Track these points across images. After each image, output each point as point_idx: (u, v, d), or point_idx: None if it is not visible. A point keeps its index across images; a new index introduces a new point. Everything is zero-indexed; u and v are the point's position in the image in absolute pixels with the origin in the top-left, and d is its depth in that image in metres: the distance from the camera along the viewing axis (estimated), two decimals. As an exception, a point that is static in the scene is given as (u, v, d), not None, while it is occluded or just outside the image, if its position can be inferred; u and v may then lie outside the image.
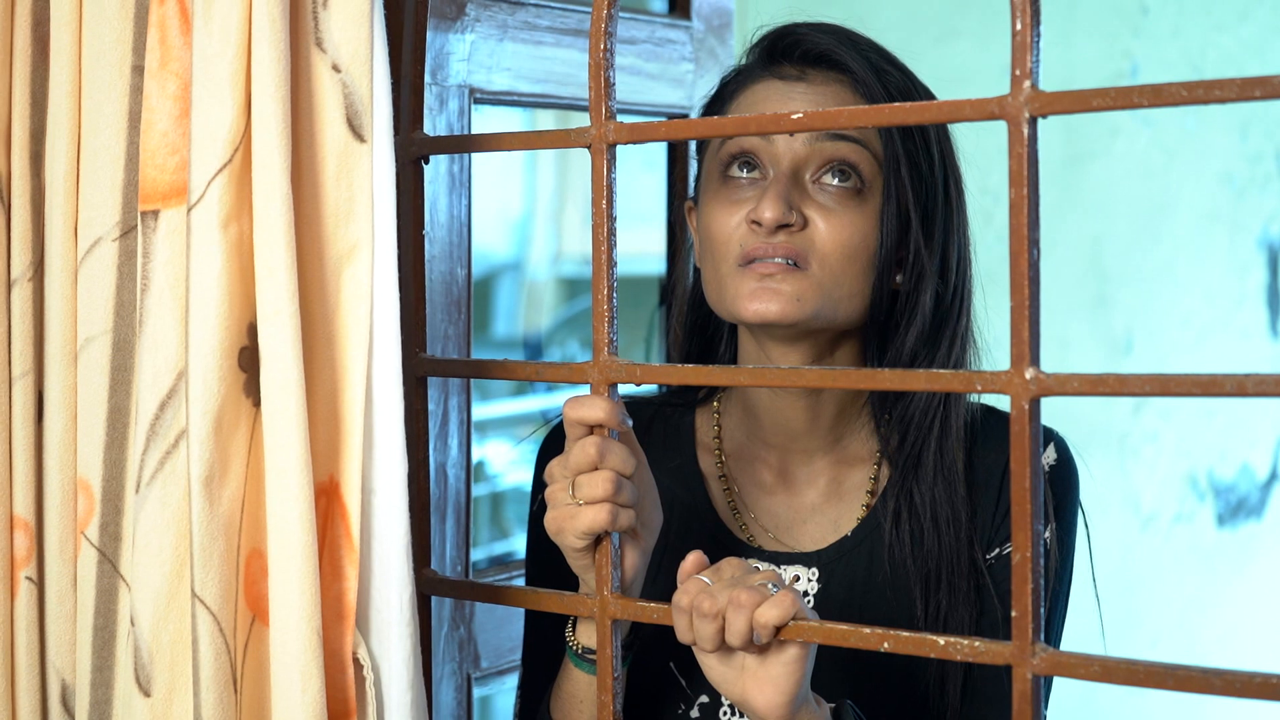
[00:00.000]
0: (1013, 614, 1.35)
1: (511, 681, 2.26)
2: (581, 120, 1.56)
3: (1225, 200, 4.94)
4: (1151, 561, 4.78)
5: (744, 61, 1.80)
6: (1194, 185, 4.83)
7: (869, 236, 1.69)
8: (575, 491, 1.54)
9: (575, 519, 1.54)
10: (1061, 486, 1.76)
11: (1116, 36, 4.55)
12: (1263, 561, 5.14)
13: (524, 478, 4.81)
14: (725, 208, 1.71)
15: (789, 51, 1.74)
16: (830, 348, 1.75)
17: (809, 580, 1.77)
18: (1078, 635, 1.80)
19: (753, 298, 1.67)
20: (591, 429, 1.55)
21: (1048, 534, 1.73)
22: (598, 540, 1.56)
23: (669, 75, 2.45)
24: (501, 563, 3.93)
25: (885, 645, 1.43)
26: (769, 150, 1.70)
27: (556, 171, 5.56)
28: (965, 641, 1.38)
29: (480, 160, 2.23)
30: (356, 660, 1.48)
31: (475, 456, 4.69)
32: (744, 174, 1.71)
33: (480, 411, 4.59)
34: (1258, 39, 4.93)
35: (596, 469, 1.54)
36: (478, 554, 4.27)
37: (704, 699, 1.77)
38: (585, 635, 1.66)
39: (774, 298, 1.67)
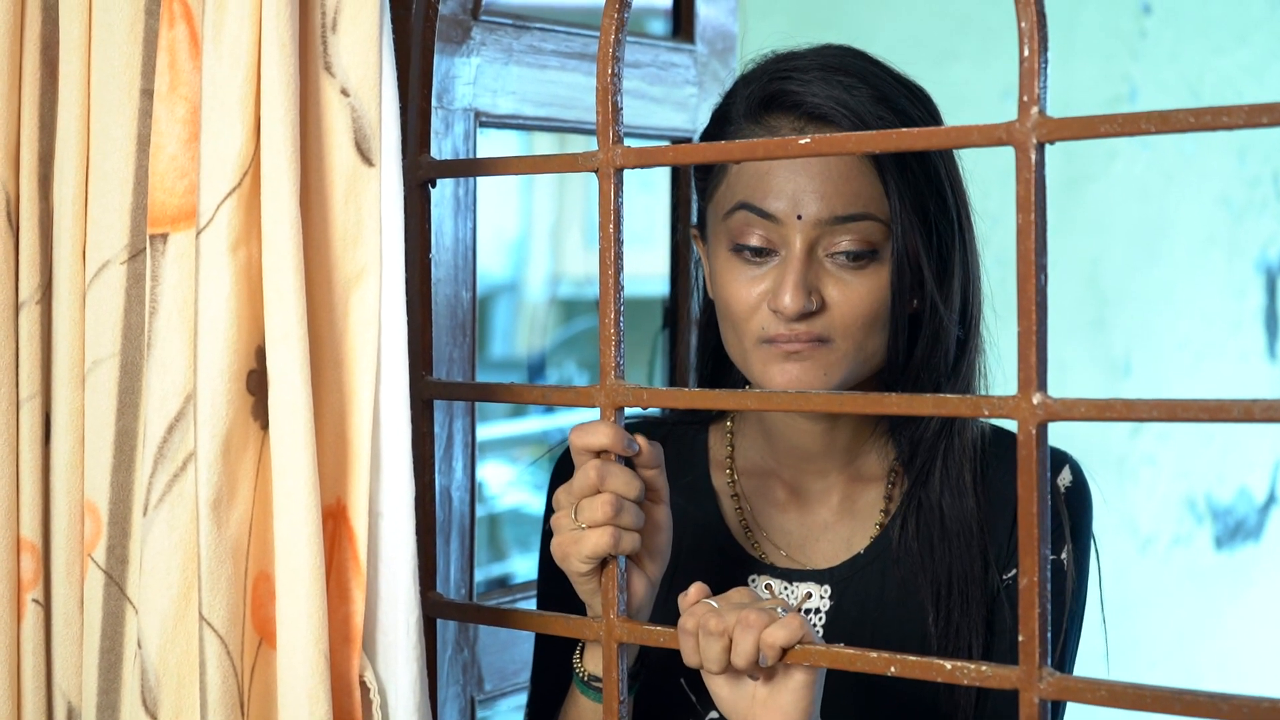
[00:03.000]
0: (1020, 638, 1.35)
1: (514, 702, 2.26)
2: (581, 143, 1.56)
3: (1223, 223, 4.95)
4: (1149, 584, 4.78)
5: (736, 100, 1.76)
6: (1192, 208, 4.84)
7: (887, 296, 1.69)
8: (577, 515, 1.55)
9: (578, 543, 1.55)
10: (1078, 508, 1.77)
11: (1115, 59, 4.56)
12: (1261, 584, 5.14)
13: (522, 499, 4.81)
14: (742, 284, 1.69)
15: (787, 110, 1.71)
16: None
17: (821, 598, 1.78)
18: (1082, 658, 1.80)
19: (782, 374, 1.67)
20: (598, 455, 1.56)
21: (1064, 555, 1.73)
22: (604, 566, 1.56)
23: (672, 99, 2.46)
24: (501, 584, 3.93)
25: (892, 669, 1.43)
26: (779, 232, 1.67)
27: (554, 193, 5.56)
28: (972, 666, 1.38)
29: (480, 181, 2.23)
30: (363, 683, 1.48)
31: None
32: (756, 257, 1.70)
33: (478, 433, 4.58)
34: (1256, 63, 4.94)
35: (599, 493, 1.55)
36: (475, 576, 4.27)
37: (714, 714, 1.78)
38: (592, 662, 1.66)
39: (803, 374, 1.67)
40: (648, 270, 2.64)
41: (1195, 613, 4.92)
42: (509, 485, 4.84)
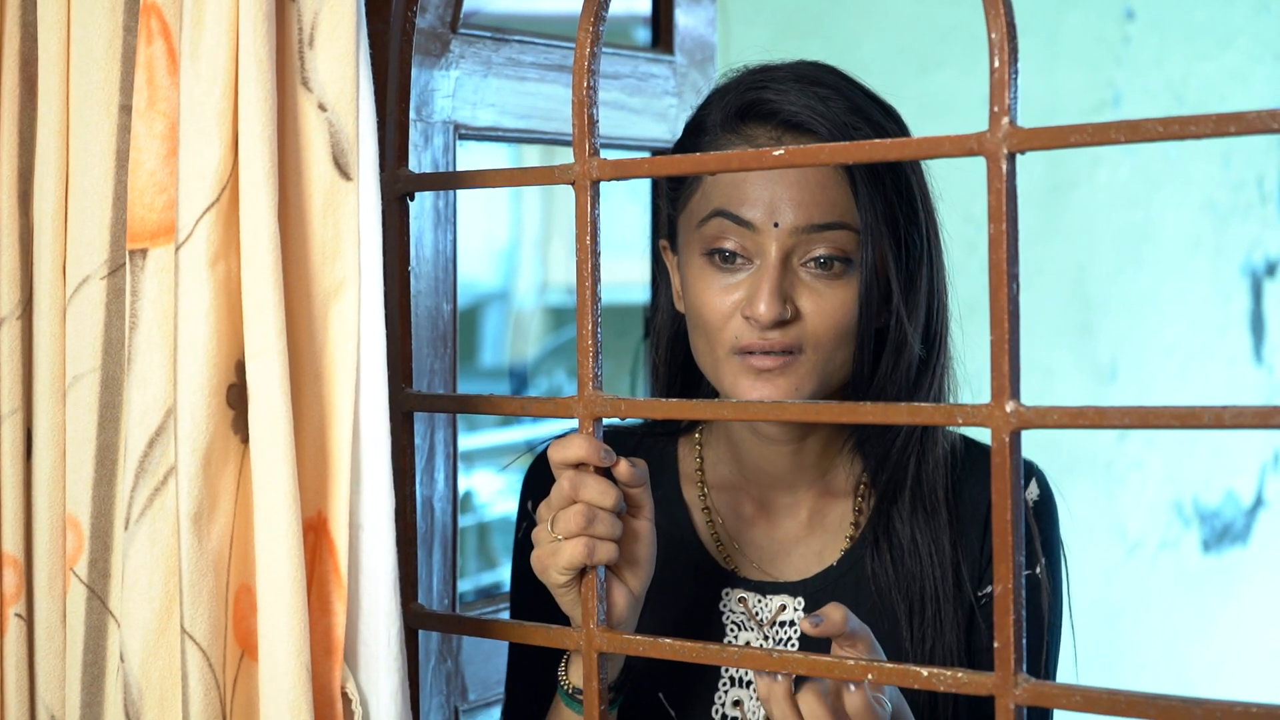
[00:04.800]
0: (995, 644, 1.36)
1: (499, 712, 2.27)
2: (562, 155, 1.57)
3: (1208, 227, 4.96)
4: (1137, 588, 4.79)
5: (711, 111, 1.77)
6: (1177, 213, 4.86)
7: (856, 307, 1.70)
8: (553, 527, 1.56)
9: (555, 555, 1.56)
10: (1046, 521, 1.77)
11: (1099, 66, 4.58)
12: (1248, 588, 5.16)
13: (512, 508, 4.81)
14: (715, 292, 1.70)
15: (763, 119, 1.73)
16: None
17: (795, 610, 1.78)
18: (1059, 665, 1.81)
19: (752, 389, 1.68)
20: (578, 467, 1.57)
21: (1038, 570, 1.74)
22: (584, 575, 1.57)
23: (652, 109, 2.47)
24: (489, 595, 3.93)
25: (870, 677, 1.44)
26: (755, 240, 1.69)
27: (542, 202, 5.57)
28: (949, 673, 1.39)
29: (466, 192, 2.24)
30: (345, 695, 1.49)
31: (463, 487, 4.69)
32: (729, 264, 1.71)
33: (467, 442, 4.58)
34: (1240, 67, 4.96)
35: (574, 503, 1.56)
36: (465, 585, 4.27)
37: (691, 728, 1.79)
38: (576, 674, 1.67)
39: (774, 390, 1.68)
40: (636, 278, 2.65)
41: (1184, 616, 4.93)
42: (499, 494, 4.84)
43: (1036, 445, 1.83)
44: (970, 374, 1.86)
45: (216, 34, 1.44)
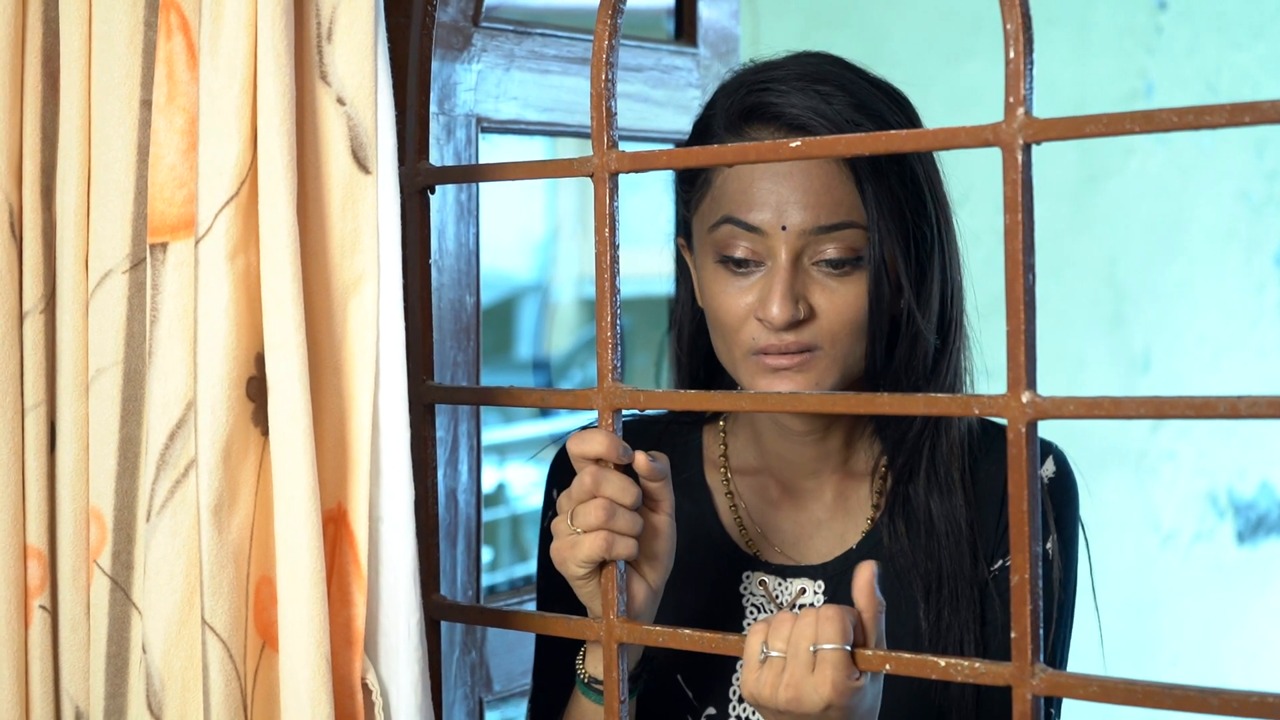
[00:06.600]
0: (1013, 635, 1.36)
1: (524, 704, 2.27)
2: (587, 148, 1.58)
3: (1242, 218, 4.94)
4: (1171, 580, 4.77)
5: (716, 113, 1.77)
6: (1210, 203, 4.84)
7: (868, 302, 1.70)
8: (573, 521, 1.57)
9: (574, 548, 1.57)
10: (1061, 498, 1.78)
11: (1131, 56, 4.56)
12: (1284, 579, 5.14)
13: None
14: (730, 296, 1.71)
15: (766, 122, 1.72)
16: None
17: (815, 593, 1.79)
18: (1079, 651, 1.81)
19: (771, 386, 1.69)
20: (597, 461, 1.58)
21: (1049, 545, 1.75)
22: (603, 569, 1.57)
23: (675, 102, 2.47)
24: (521, 586, 3.94)
25: (887, 667, 1.44)
26: (765, 243, 1.69)
27: (578, 193, 5.58)
28: (965, 663, 1.39)
29: (500, 185, 2.24)
30: (365, 686, 1.50)
31: (496, 479, 4.70)
32: (742, 269, 1.71)
33: (502, 434, 4.60)
34: (1273, 56, 4.93)
35: (595, 498, 1.57)
36: (499, 577, 4.28)
37: (711, 711, 1.79)
38: (594, 665, 1.67)
39: (793, 386, 1.68)
40: (669, 269, 2.65)
41: (1218, 608, 4.91)
42: (533, 486, 4.86)
43: (1069, 437, 1.83)
44: (994, 367, 1.85)
45: (235, 29, 1.45)
